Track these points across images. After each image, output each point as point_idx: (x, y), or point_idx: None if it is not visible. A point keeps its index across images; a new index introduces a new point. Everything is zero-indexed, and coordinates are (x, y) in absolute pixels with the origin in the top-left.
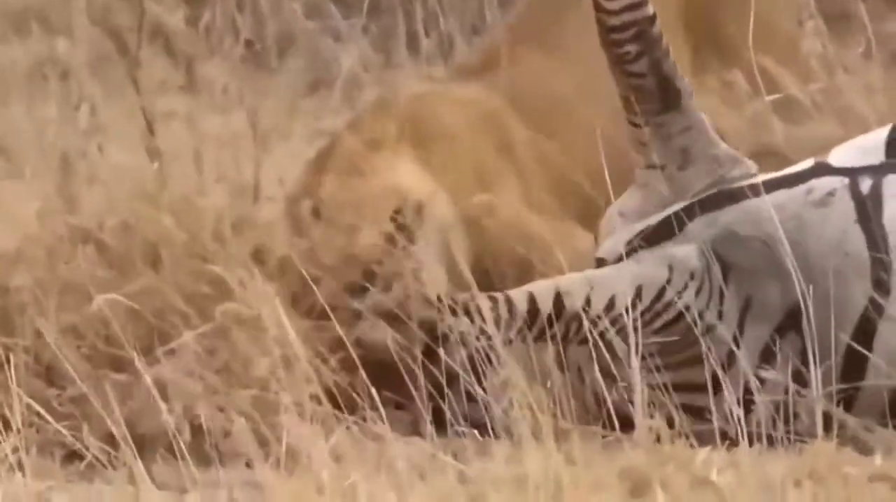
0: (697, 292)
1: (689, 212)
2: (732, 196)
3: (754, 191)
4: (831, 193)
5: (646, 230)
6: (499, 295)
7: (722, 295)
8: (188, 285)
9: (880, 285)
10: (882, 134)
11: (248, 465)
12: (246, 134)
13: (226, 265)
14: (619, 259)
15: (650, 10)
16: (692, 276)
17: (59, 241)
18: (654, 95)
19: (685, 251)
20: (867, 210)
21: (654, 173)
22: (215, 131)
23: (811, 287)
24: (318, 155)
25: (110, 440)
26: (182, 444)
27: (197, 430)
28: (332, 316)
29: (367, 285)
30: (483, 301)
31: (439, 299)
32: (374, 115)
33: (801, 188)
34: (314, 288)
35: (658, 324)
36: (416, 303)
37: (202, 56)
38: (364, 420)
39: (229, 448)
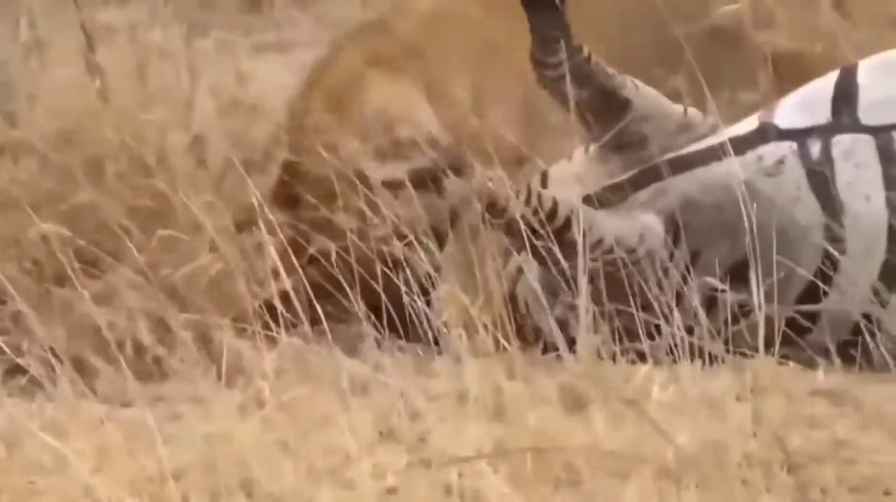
0: (655, 257)
1: (641, 180)
2: (684, 163)
3: (705, 158)
4: (781, 161)
5: (599, 192)
6: (546, 194)
7: (673, 250)
8: (130, 199)
9: (833, 249)
10: (827, 88)
11: (190, 379)
12: (188, 48)
13: (168, 179)
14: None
15: (585, 51)
16: (656, 246)
17: (0, 155)
18: (603, 109)
19: (653, 223)
20: (819, 176)
21: (613, 154)
22: (158, 45)
23: (760, 246)
24: (316, 66)
25: (52, 355)
26: (125, 358)
27: (139, 344)
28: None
29: None
30: (523, 193)
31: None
32: (380, 30)
33: (751, 155)
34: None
35: (616, 275)
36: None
37: None
38: (306, 335)
39: (171, 362)
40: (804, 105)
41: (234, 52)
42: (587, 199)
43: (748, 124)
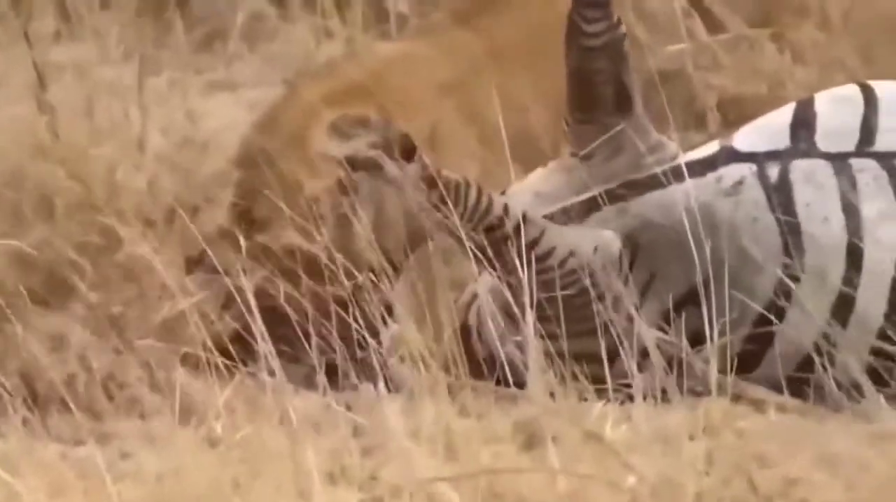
0: (610, 273)
1: (601, 200)
2: (644, 185)
3: (664, 180)
4: (740, 181)
5: (558, 212)
6: (497, 197)
7: (628, 274)
8: (80, 236)
9: (792, 270)
10: (786, 116)
11: (142, 417)
12: (139, 86)
13: (117, 216)
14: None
15: (623, 28)
16: (611, 261)
17: None
18: (609, 102)
19: (610, 236)
20: (777, 197)
21: (581, 163)
22: (109, 83)
23: (717, 268)
24: (273, 104)
25: (4, 392)
26: (76, 396)
27: (92, 382)
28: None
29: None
30: (472, 191)
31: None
32: (337, 71)
33: (711, 176)
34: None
35: (569, 290)
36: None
37: (97, 7)
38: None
39: (124, 399)
40: (763, 131)
41: (185, 89)
42: (544, 218)
43: (708, 148)
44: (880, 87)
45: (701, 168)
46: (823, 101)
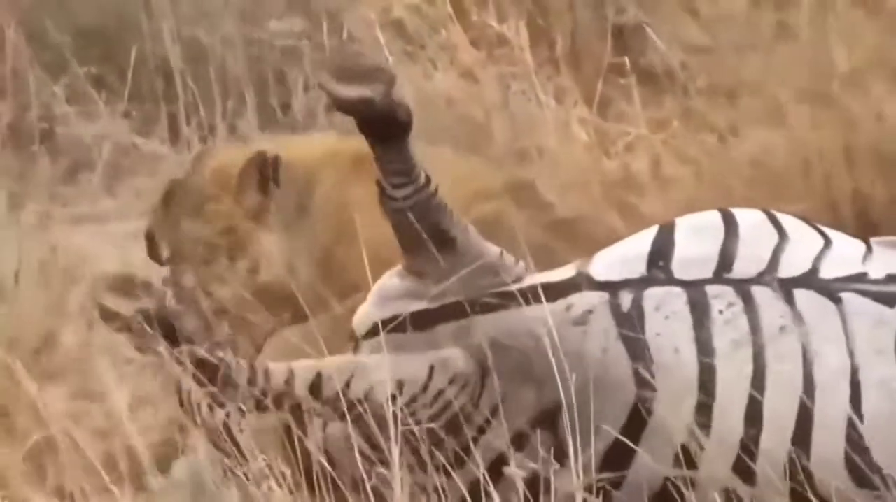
0: (459, 392)
1: (444, 314)
2: (489, 304)
3: (509, 301)
4: (590, 311)
5: (394, 320)
6: (258, 365)
7: (480, 394)
8: None
9: (643, 400)
10: (645, 244)
11: None
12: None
13: None
14: (365, 335)
15: (432, 185)
16: (454, 379)
17: None
18: (431, 246)
19: (449, 354)
20: (628, 327)
21: (415, 279)
22: None
23: (570, 393)
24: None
25: None
26: None
27: None
28: None
29: None
30: (243, 371)
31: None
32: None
33: (561, 303)
34: None
35: (421, 416)
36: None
37: None
38: None
39: None
40: (621, 259)
41: (51, 223)
42: (388, 323)
43: (564, 272)
44: (741, 215)
45: (552, 294)
46: (684, 229)
